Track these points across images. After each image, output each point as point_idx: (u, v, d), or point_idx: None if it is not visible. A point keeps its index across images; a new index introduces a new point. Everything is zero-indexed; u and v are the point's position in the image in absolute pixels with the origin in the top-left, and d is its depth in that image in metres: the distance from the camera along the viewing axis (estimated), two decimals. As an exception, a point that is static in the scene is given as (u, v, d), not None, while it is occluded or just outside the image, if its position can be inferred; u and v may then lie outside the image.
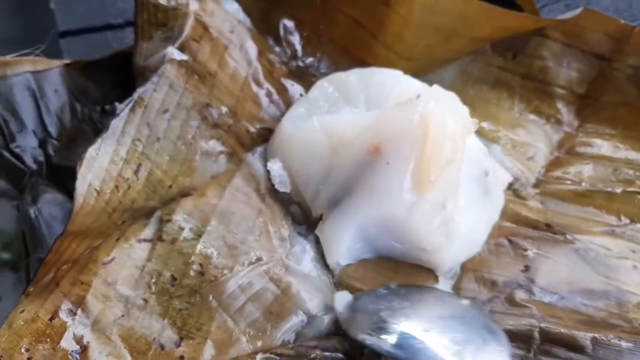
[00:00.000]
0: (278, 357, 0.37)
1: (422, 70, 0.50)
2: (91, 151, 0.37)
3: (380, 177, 0.41)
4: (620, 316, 0.40)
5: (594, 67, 0.50)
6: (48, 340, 0.34)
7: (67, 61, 0.50)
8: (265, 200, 0.44)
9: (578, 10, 0.49)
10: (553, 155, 0.49)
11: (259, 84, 0.49)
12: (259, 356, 0.37)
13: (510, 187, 0.47)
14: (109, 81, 0.50)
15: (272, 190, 0.45)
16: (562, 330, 0.38)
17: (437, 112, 0.40)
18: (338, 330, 0.39)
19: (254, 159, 0.46)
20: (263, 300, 0.39)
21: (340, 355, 0.36)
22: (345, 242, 0.41)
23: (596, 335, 0.38)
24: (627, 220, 0.44)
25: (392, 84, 0.44)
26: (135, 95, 0.40)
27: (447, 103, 0.41)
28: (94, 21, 0.59)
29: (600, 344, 0.38)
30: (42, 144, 0.47)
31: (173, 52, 0.42)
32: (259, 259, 0.41)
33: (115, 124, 0.39)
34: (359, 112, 0.43)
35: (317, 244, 0.43)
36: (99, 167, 0.37)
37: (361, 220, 0.41)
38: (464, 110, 0.42)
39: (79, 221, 0.36)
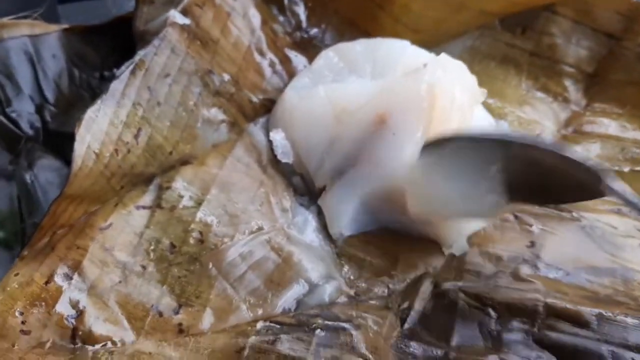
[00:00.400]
0: (279, 326, 0.36)
1: (429, 44, 0.49)
2: (90, 112, 0.36)
3: (385, 148, 0.40)
4: (625, 293, 0.39)
5: (604, 46, 0.49)
6: (43, 304, 0.33)
7: (65, 26, 0.48)
8: (267, 171, 0.43)
9: (589, -14, 0.48)
10: (560, 134, 0.48)
11: (262, 53, 0.48)
12: (259, 324, 0.36)
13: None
14: (107, 47, 0.49)
15: (274, 162, 0.44)
16: (568, 305, 0.38)
17: (444, 81, 0.39)
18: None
19: (256, 129, 0.45)
20: (264, 269, 0.38)
21: (342, 324, 0.35)
22: (348, 213, 0.40)
23: (602, 310, 0.38)
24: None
25: (398, 53, 0.43)
26: (137, 58, 0.39)
27: (455, 72, 0.40)
28: (93, -12, 0.57)
29: (606, 320, 0.37)
30: (39, 110, 0.46)
31: (175, 16, 0.41)
32: (260, 228, 0.40)
33: (116, 86, 0.38)
34: (365, 81, 0.42)
35: (320, 215, 0.42)
36: (98, 129, 0.36)
37: (365, 191, 0.40)
38: (472, 79, 0.41)
39: (77, 184, 0.35)
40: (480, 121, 0.42)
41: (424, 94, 0.39)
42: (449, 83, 0.39)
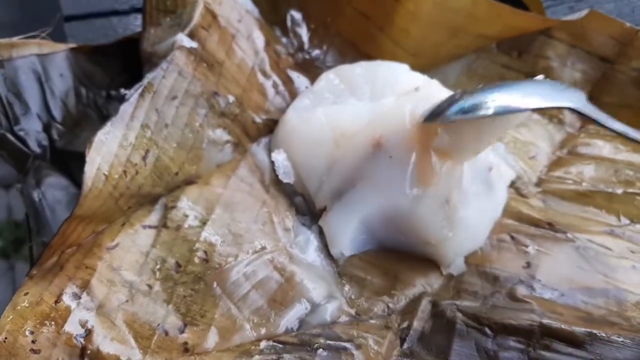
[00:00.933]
0: (282, 345, 0.37)
1: (427, 67, 0.50)
2: (100, 135, 0.37)
3: (383, 170, 0.41)
4: (619, 314, 0.41)
5: (598, 69, 0.50)
6: (52, 323, 0.34)
7: (73, 45, 0.49)
8: (269, 191, 0.44)
9: (584, 12, 0.49)
10: (555, 155, 0.50)
11: (265, 74, 0.49)
12: (262, 343, 0.37)
13: (512, 185, 0.47)
14: (114, 66, 0.50)
15: (277, 182, 0.45)
16: (562, 326, 0.39)
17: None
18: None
19: (258, 149, 0.46)
20: (267, 289, 0.39)
21: (343, 343, 0.36)
22: (348, 233, 0.41)
23: (595, 331, 0.39)
24: (627, 221, 0.45)
25: (397, 77, 0.44)
26: (145, 81, 0.40)
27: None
28: (100, 6, 0.58)
29: (599, 340, 0.38)
30: (47, 128, 0.47)
31: (183, 39, 0.42)
32: (263, 248, 0.41)
33: (125, 108, 0.39)
34: (362, 105, 0.43)
35: (321, 234, 0.43)
36: (108, 151, 0.37)
37: (365, 212, 0.41)
38: None
39: (87, 205, 0.36)
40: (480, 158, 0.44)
41: (408, 116, 0.40)
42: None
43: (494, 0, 0.48)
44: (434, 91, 0.43)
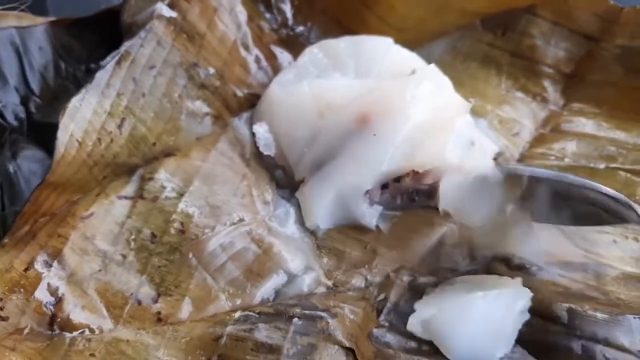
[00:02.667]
0: (257, 315, 0.36)
1: (412, 43, 0.49)
2: (74, 101, 0.37)
3: (365, 147, 0.41)
4: (597, 288, 0.40)
5: (582, 47, 0.50)
6: (22, 290, 0.34)
7: (52, 18, 0.49)
8: (250, 165, 0.44)
9: (568, -11, 0.49)
10: (538, 132, 0.49)
11: (247, 49, 0.48)
12: (237, 313, 0.37)
13: (495, 161, 0.47)
14: (94, 40, 0.49)
15: (257, 156, 0.44)
16: (539, 301, 0.39)
17: (429, 96, 0.40)
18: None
19: (240, 123, 0.46)
20: (244, 260, 0.39)
21: (319, 312, 0.36)
22: (324, 206, 0.41)
23: (572, 305, 0.39)
24: (608, 196, 0.44)
25: (382, 52, 0.44)
26: (122, 49, 0.39)
27: (441, 87, 0.41)
28: (82, -20, 0.58)
29: (576, 315, 0.38)
30: (24, 101, 0.46)
31: (162, 8, 0.42)
32: (241, 220, 0.41)
33: (101, 75, 0.38)
34: (349, 79, 0.43)
35: (300, 207, 0.42)
36: (82, 118, 0.37)
37: (342, 185, 0.41)
38: (457, 98, 0.42)
39: (59, 172, 0.36)
40: (463, 133, 0.43)
41: (408, 103, 0.40)
42: (433, 98, 0.40)
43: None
44: (431, 76, 0.42)
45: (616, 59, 0.49)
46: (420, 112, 0.40)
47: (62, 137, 0.36)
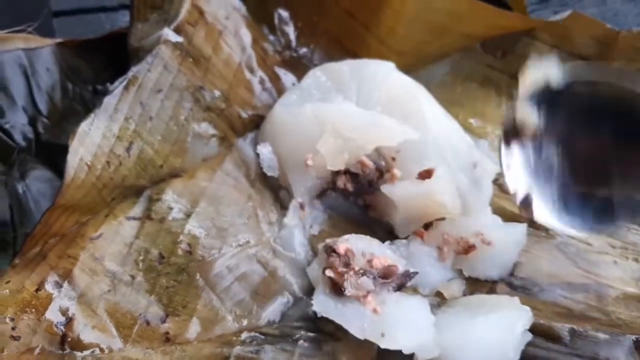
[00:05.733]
0: (263, 336, 0.37)
1: (413, 66, 0.51)
2: (84, 126, 0.37)
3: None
4: (598, 309, 0.41)
5: (580, 70, 0.51)
6: (33, 310, 0.34)
7: (59, 40, 0.49)
8: (255, 186, 0.45)
9: (566, 13, 0.50)
10: (538, 153, 0.50)
11: (252, 70, 0.49)
12: (244, 334, 0.37)
13: (495, 182, 0.48)
14: (101, 61, 0.50)
15: (262, 176, 0.45)
16: (541, 321, 0.39)
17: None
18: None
19: (245, 144, 0.46)
20: (250, 281, 0.40)
21: (324, 336, 0.37)
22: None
23: (574, 326, 0.39)
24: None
25: (383, 76, 0.45)
26: (130, 74, 0.40)
27: None
28: (88, 3, 0.59)
29: (578, 335, 0.39)
30: (32, 121, 0.47)
31: (168, 34, 0.43)
32: (247, 242, 0.41)
33: (109, 100, 0.39)
34: (351, 105, 0.43)
35: (304, 229, 0.43)
36: (91, 142, 0.38)
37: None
38: None
39: (69, 195, 0.36)
40: (460, 143, 0.44)
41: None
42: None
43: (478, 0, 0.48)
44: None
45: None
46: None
47: (72, 161, 0.36)
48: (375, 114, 0.41)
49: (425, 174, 0.40)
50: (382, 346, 0.35)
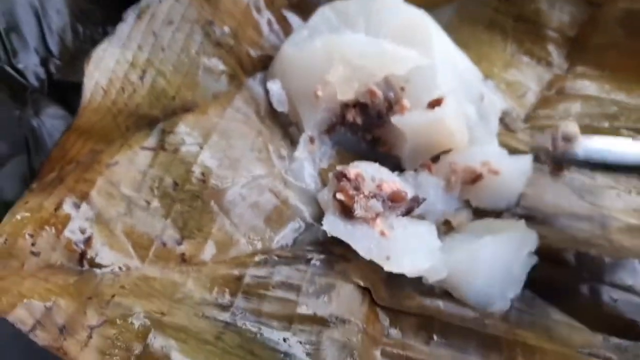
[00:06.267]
0: (277, 258, 0.38)
1: (421, 7, 0.51)
2: (98, 51, 0.38)
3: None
4: (602, 237, 0.42)
5: (585, 11, 0.52)
6: (52, 228, 0.35)
7: (70, -18, 0.50)
8: (264, 122, 0.45)
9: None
10: (543, 95, 0.51)
11: (259, 11, 0.49)
12: (258, 256, 0.38)
13: (501, 121, 0.48)
14: (111, 3, 0.50)
15: (272, 113, 0.46)
16: (550, 244, 0.40)
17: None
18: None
19: (254, 83, 0.47)
20: (262, 209, 0.40)
21: (335, 257, 0.38)
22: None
23: (580, 250, 0.40)
24: (611, 152, 0.46)
25: (391, 9, 0.45)
26: (142, 3, 0.41)
27: None
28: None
29: (584, 259, 0.40)
30: (44, 62, 0.47)
31: (179, -32, 0.43)
32: (258, 173, 0.42)
33: (122, 28, 0.40)
34: (361, 35, 0.44)
35: (314, 162, 0.44)
36: (106, 67, 0.38)
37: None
38: None
39: (85, 118, 0.37)
40: (469, 75, 0.45)
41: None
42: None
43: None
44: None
45: (618, 21, 0.50)
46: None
47: (88, 84, 0.37)
48: (385, 42, 0.42)
49: (435, 102, 0.40)
50: (386, 269, 0.36)
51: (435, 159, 0.44)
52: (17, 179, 0.44)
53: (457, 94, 0.42)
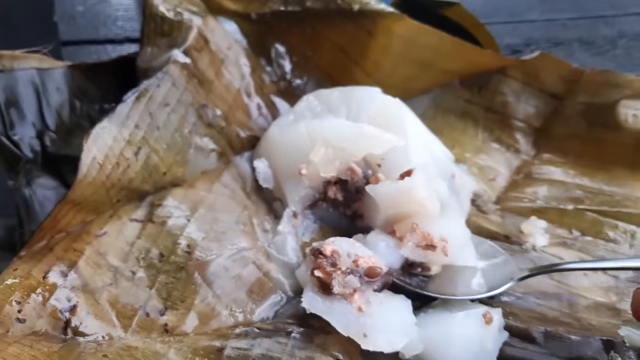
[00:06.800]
0: (257, 330, 0.39)
1: (398, 97, 0.55)
2: (97, 128, 0.40)
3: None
4: (570, 315, 0.44)
5: (549, 104, 0.56)
6: (39, 296, 0.36)
7: (71, 63, 0.53)
8: (250, 198, 0.48)
9: (536, 54, 0.56)
10: (512, 179, 0.54)
11: (250, 96, 0.53)
12: (239, 329, 0.39)
13: (473, 202, 0.51)
14: (108, 84, 0.53)
15: (257, 190, 0.48)
16: (517, 323, 0.42)
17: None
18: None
19: (242, 161, 0.50)
20: (245, 281, 0.42)
21: (315, 330, 0.39)
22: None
23: (548, 328, 0.42)
24: (578, 233, 0.49)
25: (370, 98, 0.49)
26: (142, 87, 0.44)
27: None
28: (96, 35, 0.63)
29: (552, 337, 0.41)
30: (40, 135, 0.50)
31: (178, 55, 0.47)
32: (243, 246, 0.44)
33: (122, 108, 0.42)
34: (341, 121, 0.47)
35: (297, 236, 0.46)
36: (103, 143, 0.40)
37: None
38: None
39: (80, 190, 0.39)
40: (440, 155, 0.48)
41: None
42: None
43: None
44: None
45: (579, 114, 0.55)
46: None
47: (86, 159, 0.39)
48: (363, 126, 0.45)
49: (405, 174, 0.43)
50: (363, 347, 0.37)
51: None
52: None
53: (429, 168, 0.45)
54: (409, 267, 0.43)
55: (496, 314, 0.40)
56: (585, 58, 0.72)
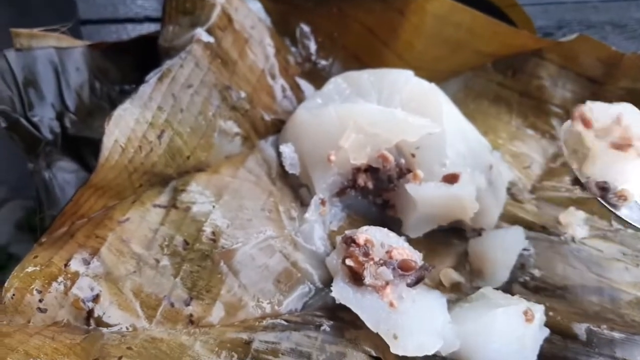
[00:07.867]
0: (285, 322, 0.37)
1: (428, 81, 0.53)
2: (119, 110, 0.38)
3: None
4: (612, 311, 0.42)
5: (587, 89, 0.54)
6: (61, 285, 0.34)
7: (90, 42, 0.51)
8: (275, 184, 0.46)
9: (574, 36, 0.53)
10: (548, 166, 0.52)
11: (274, 78, 0.51)
12: (266, 321, 0.37)
13: (508, 191, 0.49)
14: (128, 63, 0.51)
15: (282, 175, 0.46)
16: (558, 318, 0.40)
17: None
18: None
19: (266, 145, 0.48)
20: (272, 271, 0.40)
21: (345, 324, 0.37)
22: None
23: (590, 325, 0.40)
24: (619, 226, 0.46)
25: (403, 82, 0.46)
26: (164, 67, 0.42)
27: None
28: (115, 14, 0.61)
29: (595, 334, 0.40)
30: (60, 117, 0.48)
31: (201, 33, 0.45)
32: (269, 234, 0.42)
33: (144, 89, 0.40)
34: (373, 105, 0.45)
35: (324, 224, 0.44)
36: (125, 125, 0.39)
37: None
38: None
39: (102, 174, 0.37)
40: (478, 145, 0.46)
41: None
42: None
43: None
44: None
45: (619, 99, 0.52)
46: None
47: (107, 141, 0.37)
48: (397, 111, 0.43)
49: (452, 178, 0.41)
50: (393, 350, 0.35)
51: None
52: (9, 223, 0.44)
53: (467, 162, 0.43)
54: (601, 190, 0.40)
55: (537, 311, 0.38)
56: (620, 41, 0.69)
